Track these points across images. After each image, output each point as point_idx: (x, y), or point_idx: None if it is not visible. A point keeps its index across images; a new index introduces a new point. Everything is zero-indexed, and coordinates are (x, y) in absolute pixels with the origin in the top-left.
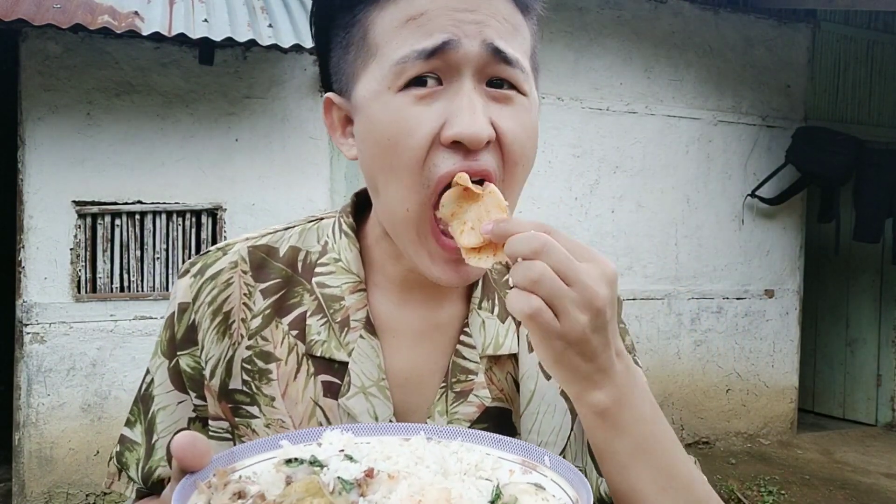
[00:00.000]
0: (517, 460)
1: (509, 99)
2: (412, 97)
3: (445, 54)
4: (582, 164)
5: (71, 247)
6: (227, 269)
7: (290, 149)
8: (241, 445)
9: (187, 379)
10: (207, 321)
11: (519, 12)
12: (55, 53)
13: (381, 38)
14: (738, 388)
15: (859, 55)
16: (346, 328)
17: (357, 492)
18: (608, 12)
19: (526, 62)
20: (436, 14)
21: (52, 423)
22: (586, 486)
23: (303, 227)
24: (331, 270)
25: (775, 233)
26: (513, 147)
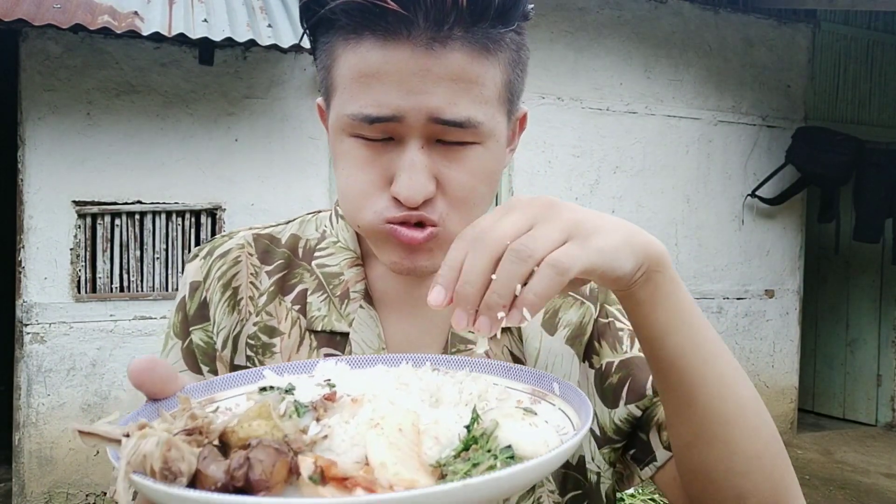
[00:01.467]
0: (527, 390)
1: (461, 150)
2: (363, 145)
3: (390, 125)
4: (582, 164)
5: (71, 247)
6: (235, 248)
7: (289, 149)
8: (222, 376)
9: (201, 353)
10: (218, 295)
11: (480, 58)
12: (55, 53)
13: (339, 79)
14: None
15: (859, 55)
16: (346, 300)
17: (312, 415)
18: (608, 12)
19: (483, 112)
20: (386, 79)
21: (52, 423)
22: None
23: (302, 219)
24: (330, 252)
25: (775, 233)
26: (458, 194)
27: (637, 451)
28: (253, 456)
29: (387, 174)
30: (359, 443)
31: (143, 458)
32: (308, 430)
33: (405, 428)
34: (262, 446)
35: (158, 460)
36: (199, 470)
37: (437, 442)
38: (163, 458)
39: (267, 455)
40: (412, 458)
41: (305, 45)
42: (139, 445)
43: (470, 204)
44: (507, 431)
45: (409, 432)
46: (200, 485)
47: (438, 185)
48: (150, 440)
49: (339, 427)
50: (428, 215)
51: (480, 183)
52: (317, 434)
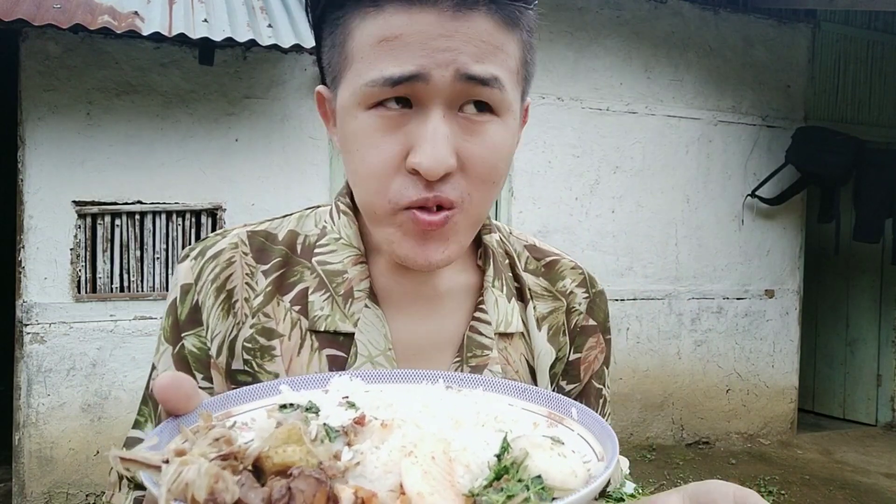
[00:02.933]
0: (543, 412)
1: (481, 124)
2: (379, 118)
3: (414, 85)
4: (582, 164)
5: (71, 247)
6: (229, 248)
7: (289, 149)
8: (239, 390)
9: (194, 360)
10: (211, 299)
11: (503, 29)
12: (55, 53)
13: (357, 50)
14: (738, 388)
15: (859, 55)
16: (351, 299)
17: (343, 440)
18: (608, 12)
19: (508, 77)
20: (410, 40)
21: (52, 423)
22: (612, 438)
23: (300, 214)
24: (331, 249)
25: (775, 233)
26: (479, 171)
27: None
28: (294, 486)
29: (405, 148)
30: (391, 470)
31: (185, 487)
32: (341, 456)
33: (437, 456)
34: (304, 476)
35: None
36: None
37: (469, 470)
38: (209, 489)
39: (308, 485)
40: (446, 487)
41: (306, 44)
42: (180, 473)
43: (490, 182)
44: (536, 461)
45: (442, 460)
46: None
47: (458, 160)
48: (192, 468)
49: (371, 453)
50: (446, 195)
51: (500, 160)
52: (350, 460)
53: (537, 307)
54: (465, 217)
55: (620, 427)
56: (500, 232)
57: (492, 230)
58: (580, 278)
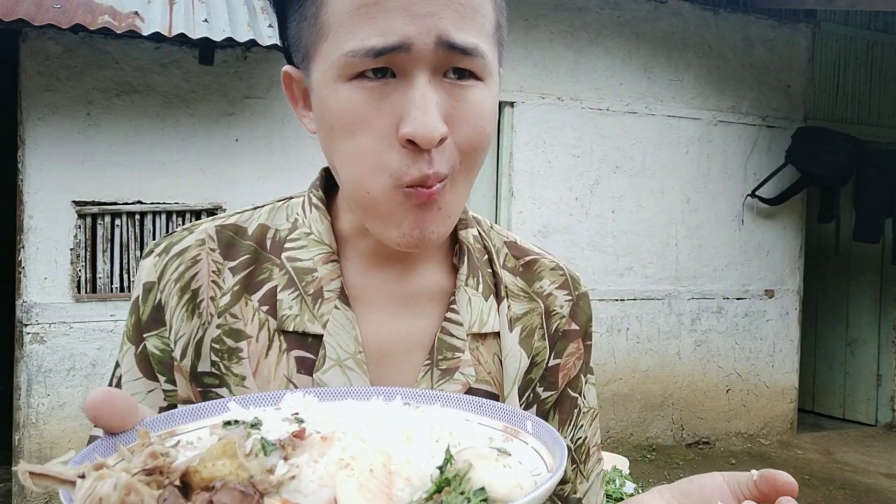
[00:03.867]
0: (499, 426)
1: (466, 88)
2: (362, 89)
3: (397, 55)
4: (582, 164)
5: (71, 247)
6: (195, 245)
7: (289, 149)
8: (184, 408)
9: (156, 362)
10: (175, 299)
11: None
12: (55, 53)
13: (332, 19)
14: (738, 388)
15: (859, 55)
16: (320, 299)
17: (280, 454)
18: (608, 12)
19: (486, 43)
20: (390, 5)
21: (52, 423)
22: (561, 446)
23: (272, 206)
24: (302, 245)
25: (775, 233)
26: (468, 136)
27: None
28: (217, 499)
29: (392, 121)
30: (327, 483)
31: (98, 502)
32: (275, 470)
33: (376, 468)
34: (227, 489)
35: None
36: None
37: (409, 483)
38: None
39: (231, 498)
40: (382, 499)
41: None
42: (94, 488)
43: (478, 149)
44: (480, 473)
45: (380, 473)
46: None
47: (448, 127)
48: (108, 482)
49: (308, 467)
50: (441, 168)
51: (487, 124)
52: (284, 474)
53: (511, 307)
54: (455, 186)
55: (620, 427)
56: (480, 226)
57: (468, 224)
58: (561, 280)
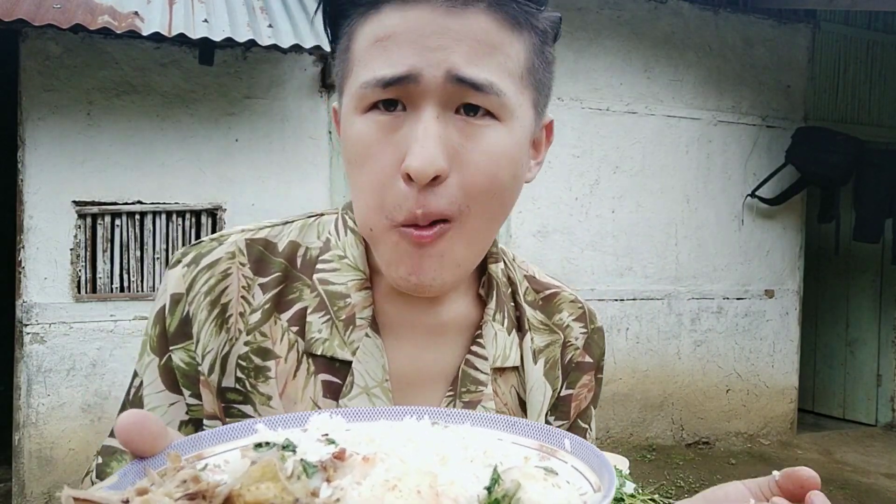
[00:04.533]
0: (534, 445)
1: (479, 127)
2: (374, 122)
3: (405, 86)
4: (582, 164)
5: (71, 247)
6: (225, 258)
7: (289, 149)
8: (211, 430)
9: (181, 376)
10: (204, 313)
11: (504, 29)
12: (55, 53)
13: (356, 54)
14: (738, 388)
15: (859, 55)
16: (352, 326)
17: (322, 476)
18: (608, 12)
19: (507, 82)
20: (402, 38)
21: (52, 423)
22: (609, 469)
23: (303, 222)
24: (335, 267)
25: (775, 233)
26: (475, 178)
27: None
28: None
29: (400, 154)
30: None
31: None
32: (319, 493)
33: (423, 490)
34: None
35: None
36: None
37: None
38: None
39: None
40: None
41: (306, 45)
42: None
43: (489, 193)
44: (529, 493)
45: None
46: None
47: (453, 166)
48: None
49: (352, 489)
50: (437, 205)
51: (500, 169)
52: (329, 497)
53: (535, 339)
54: (462, 233)
55: (620, 427)
56: (505, 257)
57: (498, 259)
58: (579, 312)
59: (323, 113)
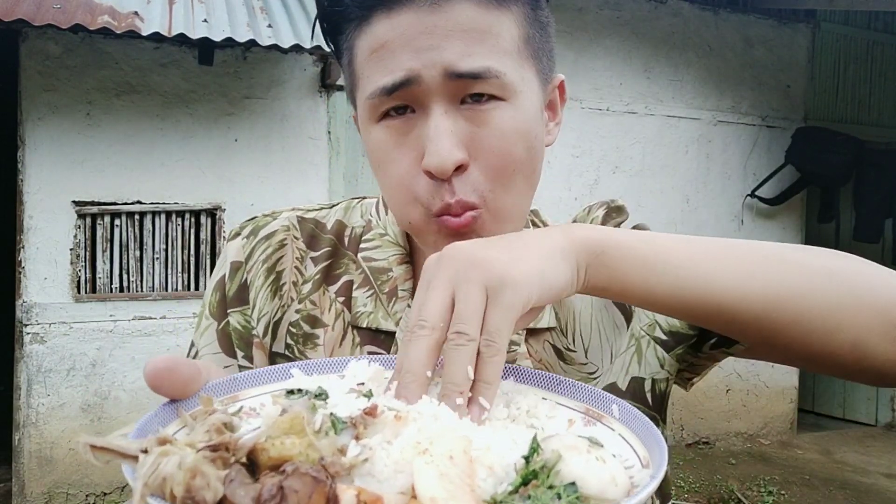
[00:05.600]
0: (580, 408)
1: (486, 112)
2: (389, 128)
3: (408, 89)
4: (582, 164)
5: (71, 247)
6: (281, 230)
7: (289, 149)
8: (248, 372)
9: (237, 337)
10: (261, 279)
11: (490, 9)
12: (55, 53)
13: (358, 67)
14: (738, 388)
15: (859, 55)
16: (395, 297)
17: (351, 433)
18: (608, 12)
19: (503, 62)
20: (395, 45)
21: (52, 423)
22: (660, 443)
23: (347, 203)
24: (376, 245)
25: (775, 233)
26: (491, 161)
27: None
28: (287, 485)
29: (418, 153)
30: (403, 469)
31: (162, 481)
32: (346, 451)
33: (456, 455)
34: (298, 473)
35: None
36: (225, 496)
37: (492, 473)
38: (186, 486)
39: (303, 484)
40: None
41: (305, 45)
42: (158, 465)
43: (507, 172)
44: (570, 465)
45: (461, 461)
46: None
47: (470, 154)
48: (172, 460)
49: (381, 449)
50: (466, 196)
51: (513, 145)
52: (356, 456)
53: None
54: (493, 214)
55: None
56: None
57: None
58: None
59: (322, 113)
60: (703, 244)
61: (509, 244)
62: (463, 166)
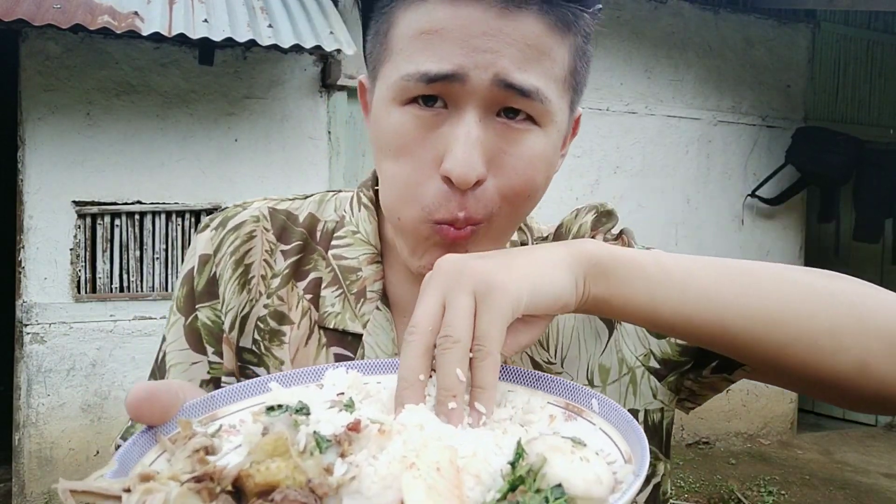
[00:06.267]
0: (560, 403)
1: (519, 132)
2: (415, 116)
3: (450, 84)
4: (582, 164)
5: (71, 247)
6: (250, 221)
7: (289, 149)
8: (224, 389)
9: (206, 333)
10: (229, 272)
11: (554, 33)
12: (55, 53)
13: (397, 41)
14: (738, 388)
15: (859, 55)
16: (363, 299)
17: (336, 451)
18: (608, 12)
19: (552, 88)
20: (451, 35)
21: (52, 423)
22: (641, 437)
23: (321, 196)
24: (348, 243)
25: (775, 233)
26: (512, 182)
27: (720, 361)
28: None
29: (437, 153)
30: (391, 485)
31: None
32: (333, 470)
33: (443, 466)
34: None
35: None
36: None
37: (479, 481)
38: None
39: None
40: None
41: (306, 45)
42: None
43: (523, 196)
44: (556, 467)
45: (448, 472)
46: None
47: (491, 169)
48: (157, 497)
49: (368, 465)
50: (476, 212)
51: (537, 173)
52: (343, 475)
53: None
54: (490, 231)
55: None
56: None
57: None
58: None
59: (323, 113)
60: (706, 263)
61: (506, 255)
62: (480, 182)
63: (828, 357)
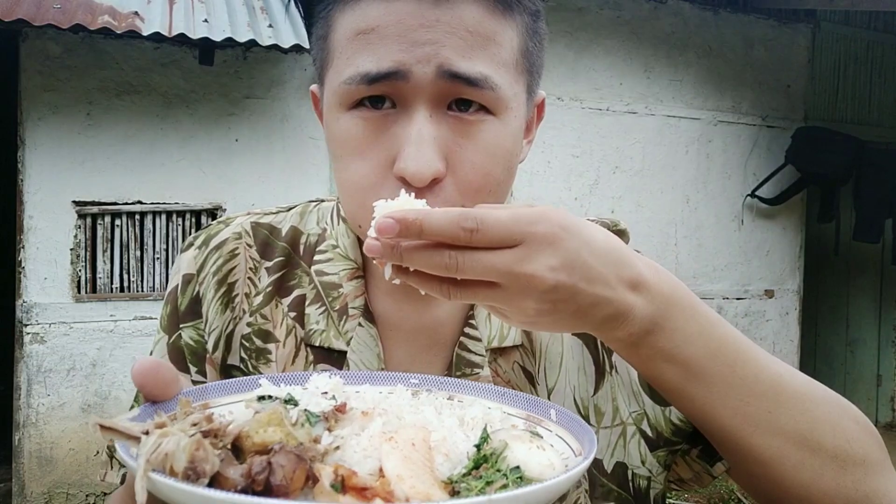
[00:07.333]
0: (521, 415)
1: (473, 124)
2: (361, 121)
3: (393, 82)
4: (581, 164)
5: (71, 247)
6: (232, 238)
7: (289, 149)
8: (217, 382)
9: (189, 353)
10: (212, 291)
11: (496, 15)
12: (55, 53)
13: (336, 44)
14: None
15: (859, 55)
16: (345, 316)
17: (324, 425)
18: (608, 12)
19: (501, 74)
20: (387, 31)
21: (52, 423)
22: (591, 435)
23: (303, 207)
24: (329, 258)
25: (775, 233)
26: (470, 177)
27: (704, 447)
28: (275, 461)
29: (390, 154)
30: (371, 455)
31: (164, 457)
32: (320, 440)
33: (417, 443)
34: (285, 452)
35: (185, 459)
36: (218, 472)
37: (448, 459)
38: (190, 457)
39: (289, 461)
40: (426, 472)
41: (306, 45)
42: (159, 444)
43: (484, 191)
44: (515, 452)
45: (422, 447)
46: (219, 486)
47: (448, 166)
48: (172, 439)
49: (352, 438)
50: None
51: (496, 165)
52: (329, 444)
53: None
54: None
55: None
56: None
57: None
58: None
59: None
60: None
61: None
62: (438, 178)
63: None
